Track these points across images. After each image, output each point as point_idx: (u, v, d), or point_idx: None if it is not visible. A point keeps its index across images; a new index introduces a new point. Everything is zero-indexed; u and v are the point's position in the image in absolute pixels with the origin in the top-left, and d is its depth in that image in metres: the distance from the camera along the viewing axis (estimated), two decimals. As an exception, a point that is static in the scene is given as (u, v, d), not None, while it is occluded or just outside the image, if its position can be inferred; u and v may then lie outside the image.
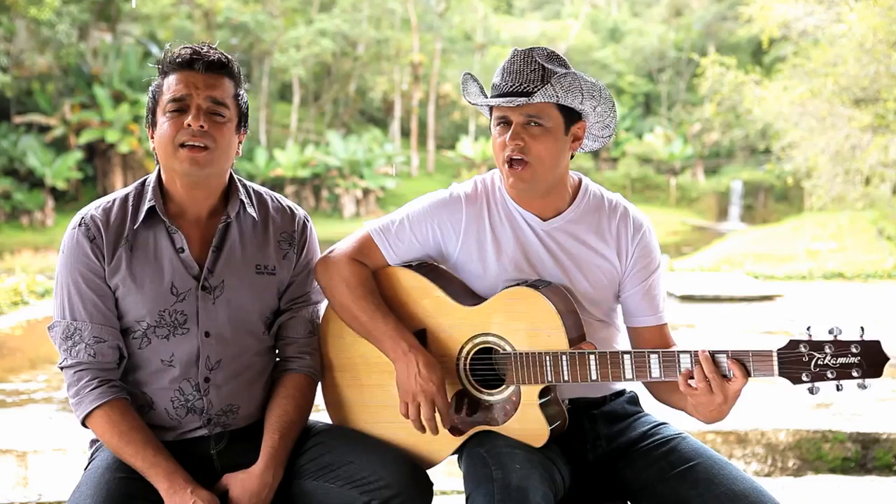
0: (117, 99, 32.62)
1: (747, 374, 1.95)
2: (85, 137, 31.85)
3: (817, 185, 15.76)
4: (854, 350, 1.87)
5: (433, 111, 41.62)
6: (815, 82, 14.79)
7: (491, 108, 2.24)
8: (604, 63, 42.02)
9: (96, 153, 33.30)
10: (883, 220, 17.43)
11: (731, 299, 9.94)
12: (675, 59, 43.87)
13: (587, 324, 2.21)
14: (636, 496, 2.20)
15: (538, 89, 2.14)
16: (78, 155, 31.76)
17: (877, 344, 1.86)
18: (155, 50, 35.56)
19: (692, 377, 2.00)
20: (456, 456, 2.28)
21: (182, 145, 2.10)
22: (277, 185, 34.19)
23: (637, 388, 2.39)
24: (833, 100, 14.59)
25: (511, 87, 2.16)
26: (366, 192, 36.44)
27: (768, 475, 4.19)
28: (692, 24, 43.12)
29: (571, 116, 2.21)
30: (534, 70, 2.16)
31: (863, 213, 17.92)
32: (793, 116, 15.56)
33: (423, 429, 2.17)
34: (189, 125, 2.09)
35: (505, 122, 2.19)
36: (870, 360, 1.86)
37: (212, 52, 2.16)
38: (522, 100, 2.14)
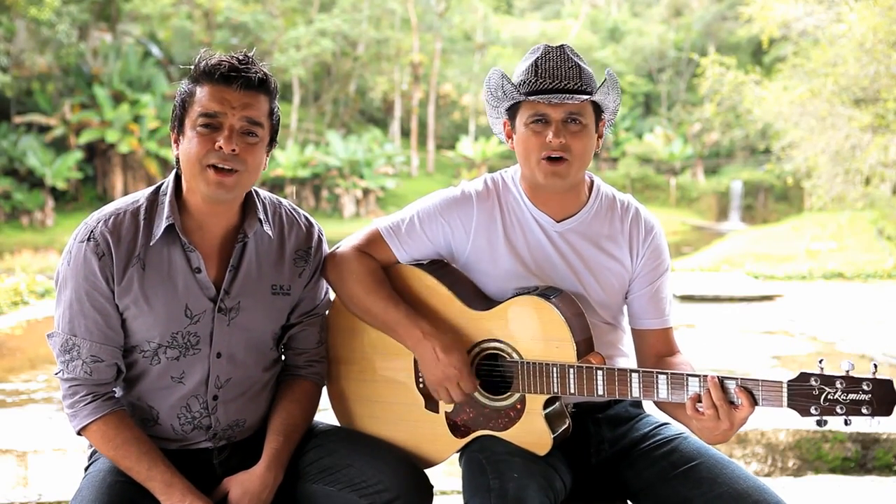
0: (117, 99, 32.62)
1: (755, 403, 1.92)
2: (85, 137, 31.86)
3: (817, 185, 15.75)
4: (865, 387, 1.83)
5: (433, 111, 41.60)
6: (815, 82, 14.79)
7: (514, 106, 2.18)
8: (604, 63, 41.94)
9: (96, 153, 33.31)
10: (883, 220, 17.42)
11: (731, 299, 9.95)
12: (675, 59, 43.84)
13: (594, 326, 2.19)
14: (638, 497, 2.19)
15: (578, 87, 2.12)
16: (78, 155, 31.75)
17: (889, 383, 1.82)
18: (155, 50, 35.56)
19: (700, 401, 1.97)
20: (457, 455, 2.26)
21: (210, 166, 2.00)
22: (277, 185, 34.19)
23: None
24: (833, 100, 14.59)
25: (551, 84, 2.12)
26: (366, 192, 36.42)
27: (768, 475, 4.18)
28: (692, 24, 43.10)
29: (599, 114, 2.21)
30: (571, 67, 2.14)
31: (863, 213, 17.93)
32: (793, 116, 15.55)
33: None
34: (220, 147, 1.98)
35: (543, 121, 2.14)
36: (881, 398, 1.82)
37: (252, 68, 2.01)
38: (583, 97, 2.10)
